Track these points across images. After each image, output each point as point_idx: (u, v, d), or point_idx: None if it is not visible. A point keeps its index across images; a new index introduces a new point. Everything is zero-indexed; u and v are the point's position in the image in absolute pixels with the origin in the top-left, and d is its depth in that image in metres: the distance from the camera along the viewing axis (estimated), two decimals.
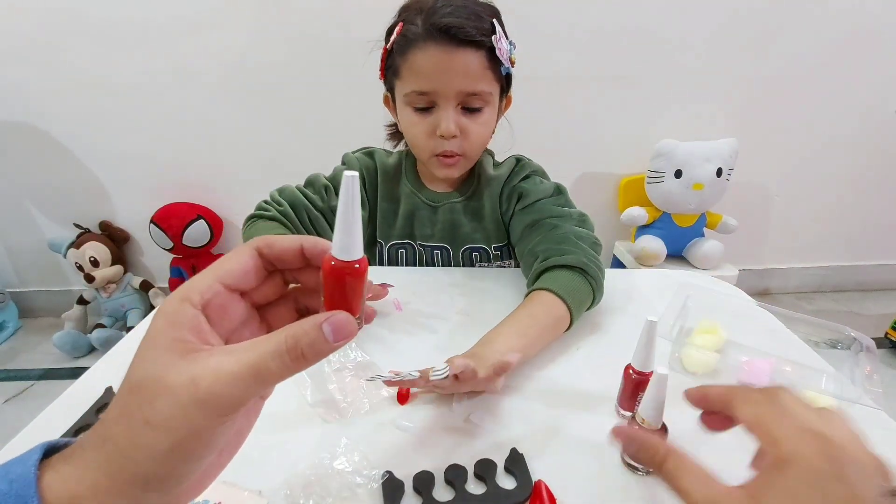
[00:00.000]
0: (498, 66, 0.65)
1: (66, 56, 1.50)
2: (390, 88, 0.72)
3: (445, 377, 0.44)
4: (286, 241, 0.26)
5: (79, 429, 0.47)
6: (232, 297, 0.25)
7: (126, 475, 0.21)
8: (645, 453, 0.29)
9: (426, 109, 0.67)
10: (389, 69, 0.69)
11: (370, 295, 0.63)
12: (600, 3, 1.49)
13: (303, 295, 0.28)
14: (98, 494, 0.21)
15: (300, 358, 0.22)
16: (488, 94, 0.67)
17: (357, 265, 0.23)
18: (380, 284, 0.64)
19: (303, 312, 0.27)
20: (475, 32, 0.62)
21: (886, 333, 1.66)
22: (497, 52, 0.64)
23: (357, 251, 0.23)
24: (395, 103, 0.71)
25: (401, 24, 0.64)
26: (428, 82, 0.64)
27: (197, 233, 1.68)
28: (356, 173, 0.22)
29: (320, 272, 0.24)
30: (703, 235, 1.69)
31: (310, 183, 0.79)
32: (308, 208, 0.75)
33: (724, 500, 0.24)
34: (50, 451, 0.23)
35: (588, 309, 0.63)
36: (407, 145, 0.83)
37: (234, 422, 0.23)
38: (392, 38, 0.65)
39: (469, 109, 0.67)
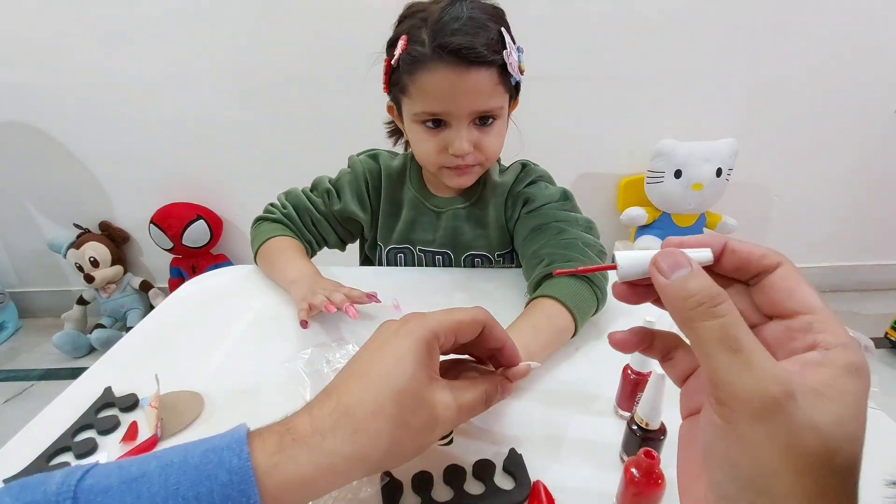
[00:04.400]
0: (508, 79, 0.64)
1: (65, 56, 1.51)
2: (396, 102, 0.69)
3: None
4: (500, 333, 0.37)
5: (78, 429, 0.46)
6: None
7: (367, 465, 0.27)
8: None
9: (436, 126, 0.65)
10: (395, 85, 0.66)
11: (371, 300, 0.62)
12: (601, 2, 1.49)
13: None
14: (328, 476, 0.26)
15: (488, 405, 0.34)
16: (500, 109, 0.65)
17: None
18: (368, 294, 0.61)
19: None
20: (486, 52, 0.59)
21: (886, 333, 1.66)
22: (508, 66, 0.61)
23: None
24: (402, 116, 0.69)
25: (405, 38, 0.61)
26: (439, 104, 0.62)
27: (197, 233, 1.67)
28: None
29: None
30: None
31: (314, 186, 0.81)
32: (310, 211, 0.78)
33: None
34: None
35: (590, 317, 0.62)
36: (409, 146, 0.83)
37: None
38: (396, 52, 0.62)
39: (481, 122, 0.66)
